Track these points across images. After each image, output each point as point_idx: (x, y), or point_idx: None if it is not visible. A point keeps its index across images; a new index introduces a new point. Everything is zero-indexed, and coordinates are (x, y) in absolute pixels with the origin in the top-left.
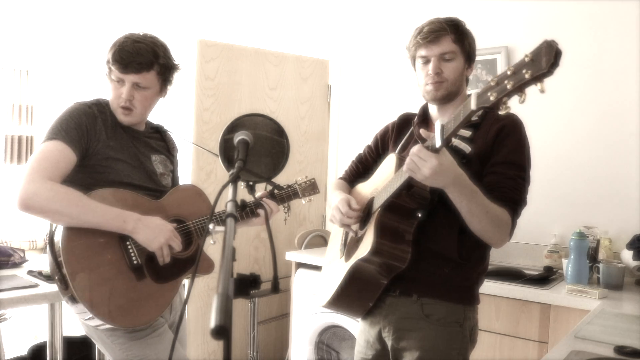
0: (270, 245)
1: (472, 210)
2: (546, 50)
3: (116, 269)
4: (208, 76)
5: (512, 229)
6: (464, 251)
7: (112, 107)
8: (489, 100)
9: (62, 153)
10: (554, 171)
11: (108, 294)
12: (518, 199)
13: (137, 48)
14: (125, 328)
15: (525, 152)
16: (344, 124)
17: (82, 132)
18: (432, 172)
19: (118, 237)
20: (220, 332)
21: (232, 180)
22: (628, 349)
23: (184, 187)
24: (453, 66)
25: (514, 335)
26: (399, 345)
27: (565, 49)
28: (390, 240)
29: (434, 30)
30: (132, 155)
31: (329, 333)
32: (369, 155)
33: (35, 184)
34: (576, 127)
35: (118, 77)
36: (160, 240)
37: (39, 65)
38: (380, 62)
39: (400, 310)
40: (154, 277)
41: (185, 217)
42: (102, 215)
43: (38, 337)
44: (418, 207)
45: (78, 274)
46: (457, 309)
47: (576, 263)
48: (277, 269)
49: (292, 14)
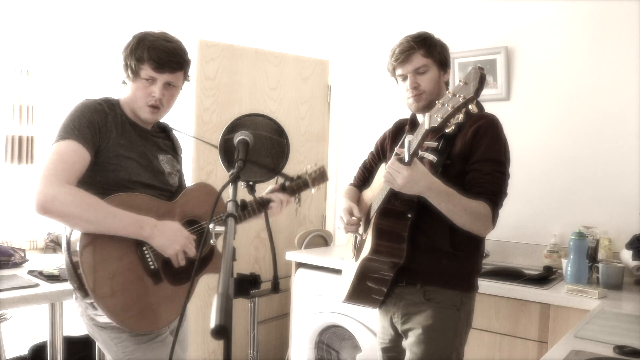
0: (270, 245)
1: (451, 210)
2: (473, 76)
3: (134, 275)
4: (208, 76)
5: (494, 218)
6: (456, 243)
7: (137, 106)
8: (437, 121)
9: (77, 153)
10: (554, 171)
11: (128, 300)
12: (496, 190)
13: (172, 48)
14: (147, 332)
15: (501, 148)
16: (344, 124)
17: (94, 130)
18: (405, 182)
19: (135, 243)
20: (221, 332)
21: (232, 180)
22: (628, 348)
23: (196, 187)
24: (428, 78)
25: (513, 335)
26: (405, 327)
27: (565, 48)
28: (387, 240)
29: (404, 51)
30: (141, 153)
31: (329, 333)
32: (372, 161)
33: (54, 187)
34: (575, 126)
35: (150, 75)
36: (176, 247)
37: (39, 65)
38: (380, 63)
39: (407, 298)
40: (170, 280)
41: (199, 216)
42: (120, 221)
43: (38, 337)
44: (407, 209)
45: (98, 283)
46: (455, 294)
47: (576, 263)
48: (277, 269)
49: (292, 14)
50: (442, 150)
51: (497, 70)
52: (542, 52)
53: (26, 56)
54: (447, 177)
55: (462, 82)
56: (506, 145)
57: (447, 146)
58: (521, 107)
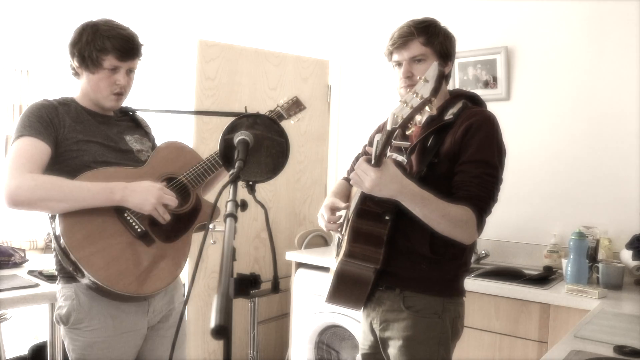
0: (270, 245)
1: (427, 215)
2: (432, 74)
3: (123, 242)
4: (208, 76)
5: (480, 225)
6: (437, 248)
7: (101, 96)
8: (397, 122)
9: (34, 145)
10: (554, 171)
11: (124, 267)
12: (484, 196)
13: (129, 35)
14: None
15: (494, 149)
16: (344, 124)
17: (45, 122)
18: (372, 184)
19: (114, 212)
20: (221, 332)
21: (232, 180)
22: (627, 348)
23: (165, 146)
24: (424, 68)
25: (513, 335)
26: (384, 335)
27: (565, 48)
28: (363, 243)
29: (402, 36)
30: (104, 136)
31: (329, 333)
32: (365, 155)
33: (16, 178)
34: (576, 126)
35: (114, 65)
36: (151, 201)
37: (39, 65)
38: (380, 62)
39: (386, 304)
40: (163, 238)
41: (175, 173)
42: (87, 191)
43: (38, 337)
44: (384, 211)
45: (89, 258)
46: (436, 301)
47: (576, 263)
48: (277, 269)
49: (292, 14)
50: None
51: (497, 70)
52: (542, 52)
53: (25, 56)
54: (433, 177)
55: (423, 79)
56: (500, 147)
57: (436, 144)
58: (521, 107)
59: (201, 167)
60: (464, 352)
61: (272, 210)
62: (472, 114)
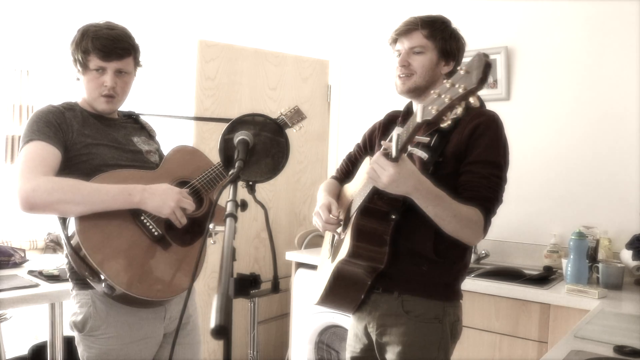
0: (270, 245)
1: (439, 214)
2: (477, 64)
3: (141, 246)
4: (208, 76)
5: (486, 226)
6: (440, 249)
7: (92, 98)
8: (431, 114)
9: (45, 149)
10: (554, 171)
11: (141, 271)
12: (491, 197)
13: (115, 35)
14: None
15: (501, 150)
16: (344, 124)
17: (54, 127)
18: (390, 180)
19: (131, 215)
20: (221, 332)
21: (232, 180)
22: (627, 348)
23: (177, 149)
24: (422, 59)
25: (513, 335)
26: (382, 340)
27: (566, 48)
28: (367, 242)
29: (407, 24)
30: (112, 139)
31: (329, 333)
32: (358, 153)
33: (31, 181)
34: (576, 126)
35: (99, 65)
36: (170, 204)
37: (39, 65)
38: (380, 62)
39: (383, 307)
40: (179, 242)
41: (188, 177)
42: (106, 193)
43: (38, 337)
44: (391, 210)
45: (105, 262)
46: (436, 305)
47: (576, 263)
48: (277, 269)
49: (292, 14)
50: (435, 147)
51: (497, 70)
52: (542, 52)
53: (25, 56)
54: (438, 177)
55: (464, 70)
56: (506, 147)
57: (440, 143)
58: (521, 107)
59: (213, 172)
60: (463, 352)
61: (272, 210)
62: (478, 114)
